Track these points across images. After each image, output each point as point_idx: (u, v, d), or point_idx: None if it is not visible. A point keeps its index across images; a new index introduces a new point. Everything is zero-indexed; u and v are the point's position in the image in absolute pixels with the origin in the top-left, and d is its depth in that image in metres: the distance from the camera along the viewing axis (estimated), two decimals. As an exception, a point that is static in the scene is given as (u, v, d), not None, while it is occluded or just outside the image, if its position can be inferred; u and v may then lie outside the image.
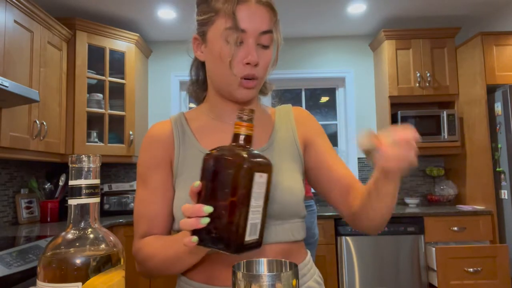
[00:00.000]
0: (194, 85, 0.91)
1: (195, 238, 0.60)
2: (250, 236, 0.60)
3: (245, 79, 0.77)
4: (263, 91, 0.92)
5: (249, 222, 0.59)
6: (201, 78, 0.90)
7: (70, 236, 0.46)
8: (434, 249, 2.53)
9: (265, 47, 0.78)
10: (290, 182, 0.79)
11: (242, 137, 0.64)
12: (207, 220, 0.59)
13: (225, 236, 0.58)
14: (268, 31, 0.76)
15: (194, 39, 0.84)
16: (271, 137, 0.85)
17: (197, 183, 0.61)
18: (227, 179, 0.59)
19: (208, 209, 0.59)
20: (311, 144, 0.87)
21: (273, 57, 0.82)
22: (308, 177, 0.89)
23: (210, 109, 0.87)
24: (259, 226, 0.62)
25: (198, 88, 0.91)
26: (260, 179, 0.60)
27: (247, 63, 0.75)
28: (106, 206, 2.89)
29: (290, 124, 0.89)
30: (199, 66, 0.90)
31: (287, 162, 0.83)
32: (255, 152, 0.63)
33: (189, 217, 0.60)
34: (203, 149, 0.82)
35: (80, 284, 0.43)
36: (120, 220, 2.58)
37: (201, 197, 0.61)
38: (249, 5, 0.75)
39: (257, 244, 0.62)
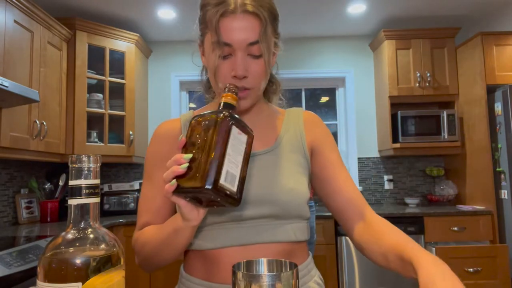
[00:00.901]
0: (205, 86, 0.92)
1: (173, 181, 0.60)
2: (226, 182, 0.61)
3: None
4: (273, 92, 0.92)
5: (225, 167, 0.60)
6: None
7: (70, 236, 0.46)
8: (434, 249, 2.53)
9: (256, 56, 0.75)
10: (294, 183, 0.79)
11: (228, 105, 0.68)
12: (186, 165, 0.60)
13: (199, 173, 0.59)
14: (255, 42, 0.74)
15: (198, 46, 0.85)
16: (278, 138, 0.85)
17: (181, 136, 0.63)
18: (206, 130, 0.62)
19: (188, 156, 0.61)
20: (318, 153, 0.87)
21: (271, 63, 0.81)
22: (313, 184, 0.89)
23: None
24: (237, 181, 0.63)
25: (209, 87, 0.92)
26: (238, 135, 0.64)
27: (234, 76, 0.74)
28: (106, 206, 2.89)
29: (298, 128, 0.88)
30: None
31: (293, 164, 0.83)
32: (240, 118, 0.66)
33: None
34: None
35: (80, 284, 0.43)
36: (120, 220, 2.58)
37: (184, 149, 0.64)
38: (233, 17, 0.72)
39: (235, 199, 0.62)
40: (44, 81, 2.43)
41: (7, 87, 1.75)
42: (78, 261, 0.43)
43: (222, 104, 0.68)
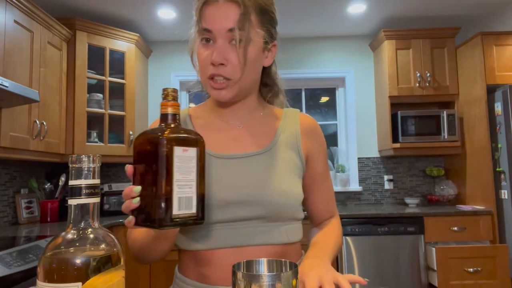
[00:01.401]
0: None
1: (129, 218, 0.60)
2: (181, 210, 0.60)
3: (212, 79, 0.76)
4: (274, 95, 0.91)
5: (176, 196, 0.59)
6: None
7: (70, 236, 0.46)
8: (434, 249, 2.53)
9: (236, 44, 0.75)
10: (287, 185, 0.79)
11: (169, 117, 0.64)
12: (137, 199, 0.60)
13: (151, 211, 0.59)
14: (232, 29, 0.74)
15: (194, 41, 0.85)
16: (274, 139, 0.85)
17: (127, 166, 0.62)
18: (148, 156, 0.60)
19: (137, 189, 0.60)
20: (311, 162, 0.88)
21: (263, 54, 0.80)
22: None
23: (212, 107, 0.88)
24: (194, 201, 0.62)
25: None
26: (183, 153, 0.61)
27: (212, 64, 0.75)
28: (106, 206, 2.89)
29: (295, 129, 0.88)
30: None
31: (287, 165, 0.82)
32: (183, 128, 0.64)
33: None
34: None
35: (80, 284, 0.43)
36: (120, 220, 2.58)
37: (135, 179, 0.63)
38: (215, 5, 0.75)
39: (196, 218, 0.62)
40: (44, 81, 2.43)
41: (7, 87, 1.75)
42: (78, 261, 0.43)
43: (166, 116, 0.64)
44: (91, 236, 0.47)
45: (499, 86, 2.72)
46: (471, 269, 2.49)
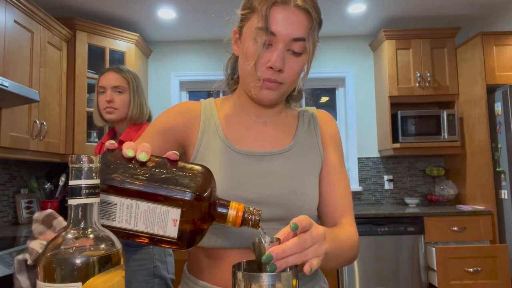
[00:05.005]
0: (228, 79, 0.91)
1: None
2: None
3: (267, 81, 0.75)
4: (294, 99, 0.92)
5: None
6: (236, 72, 0.89)
7: (70, 236, 0.46)
8: (434, 249, 2.53)
9: (297, 54, 0.74)
10: (305, 188, 0.79)
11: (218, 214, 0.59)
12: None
13: None
14: (301, 39, 0.73)
15: (234, 32, 0.83)
16: (294, 139, 0.84)
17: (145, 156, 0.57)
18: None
19: (144, 156, 0.57)
20: (323, 151, 0.86)
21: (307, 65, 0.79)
22: None
23: (239, 102, 0.86)
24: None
25: (231, 81, 0.90)
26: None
27: (270, 67, 0.73)
28: (106, 206, 2.88)
29: (313, 127, 0.88)
30: (235, 60, 0.89)
31: (306, 167, 0.82)
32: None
33: None
34: (226, 140, 0.81)
35: (80, 284, 0.43)
36: (120, 220, 2.58)
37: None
38: (285, 8, 0.71)
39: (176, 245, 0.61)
40: (44, 81, 2.43)
41: (7, 87, 1.75)
42: (78, 261, 0.43)
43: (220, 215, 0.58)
44: (91, 236, 0.47)
45: (499, 86, 2.72)
46: (471, 269, 2.49)
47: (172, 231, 0.55)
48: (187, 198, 0.54)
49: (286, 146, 0.83)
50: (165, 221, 0.55)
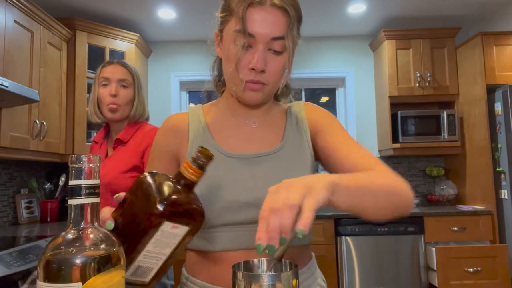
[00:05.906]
0: (215, 80, 0.91)
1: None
2: (134, 276, 0.58)
3: (249, 82, 0.75)
4: (283, 95, 0.91)
5: (137, 263, 0.57)
6: (222, 74, 0.89)
7: (70, 236, 0.46)
8: (434, 249, 2.53)
9: (278, 52, 0.74)
10: None
11: (183, 182, 0.59)
12: (111, 226, 0.58)
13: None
14: (280, 38, 0.73)
15: (215, 35, 0.83)
16: (284, 138, 0.84)
17: (119, 195, 0.61)
18: (138, 212, 0.56)
19: (109, 225, 0.58)
20: (318, 134, 0.84)
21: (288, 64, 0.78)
22: (325, 169, 0.86)
23: (227, 105, 0.87)
24: (152, 272, 0.59)
25: (218, 83, 0.91)
26: (171, 229, 0.56)
27: (252, 69, 0.73)
28: (106, 206, 2.88)
29: (301, 122, 0.87)
30: (221, 62, 0.89)
31: (298, 165, 0.81)
32: (190, 200, 0.58)
33: None
34: (216, 145, 0.81)
35: (80, 284, 0.43)
36: (120, 220, 2.58)
37: (122, 209, 0.59)
38: (262, 8, 0.71)
39: (145, 285, 0.61)
40: (44, 81, 2.43)
41: (7, 87, 1.75)
42: (78, 261, 0.43)
43: (182, 177, 0.59)
44: (91, 236, 0.47)
45: (499, 86, 2.72)
46: (471, 269, 2.49)
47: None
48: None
49: (275, 147, 0.82)
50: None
